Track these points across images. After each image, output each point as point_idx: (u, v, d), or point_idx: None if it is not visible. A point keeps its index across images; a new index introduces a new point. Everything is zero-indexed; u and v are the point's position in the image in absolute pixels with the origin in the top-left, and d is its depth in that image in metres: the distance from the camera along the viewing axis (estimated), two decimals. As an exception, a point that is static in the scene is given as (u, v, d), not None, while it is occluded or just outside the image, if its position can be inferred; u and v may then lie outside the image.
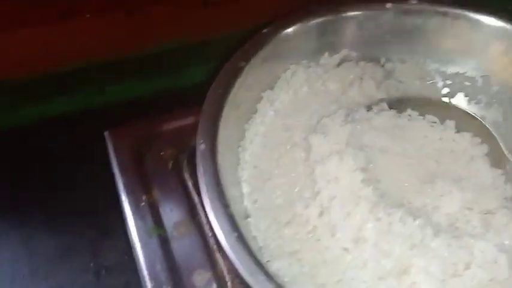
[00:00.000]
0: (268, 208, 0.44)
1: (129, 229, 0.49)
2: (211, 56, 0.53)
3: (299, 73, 0.52)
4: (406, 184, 0.45)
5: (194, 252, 0.48)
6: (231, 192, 0.42)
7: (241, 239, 0.36)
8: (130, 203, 0.50)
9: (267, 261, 0.41)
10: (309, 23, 0.51)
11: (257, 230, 0.43)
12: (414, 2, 0.53)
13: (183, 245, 0.49)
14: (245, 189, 0.45)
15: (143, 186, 0.51)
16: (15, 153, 0.57)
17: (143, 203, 0.51)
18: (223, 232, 0.36)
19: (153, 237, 0.49)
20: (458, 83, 0.56)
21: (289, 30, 0.50)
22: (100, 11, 0.53)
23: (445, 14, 0.53)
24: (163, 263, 0.47)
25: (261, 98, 0.50)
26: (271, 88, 0.51)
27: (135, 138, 0.54)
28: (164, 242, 0.49)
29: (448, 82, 0.56)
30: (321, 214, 0.43)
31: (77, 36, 0.54)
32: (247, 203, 0.45)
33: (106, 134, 0.54)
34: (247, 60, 0.47)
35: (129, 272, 0.48)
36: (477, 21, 0.53)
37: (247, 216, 0.44)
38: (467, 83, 0.56)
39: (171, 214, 0.51)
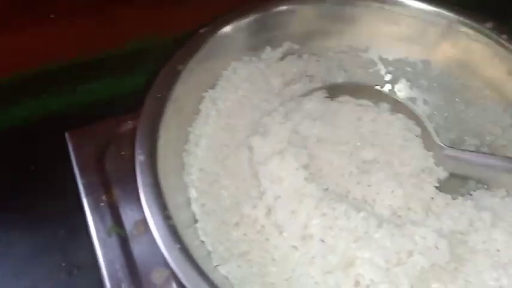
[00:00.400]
0: (216, 211, 0.44)
1: (89, 229, 0.50)
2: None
3: (240, 70, 0.51)
4: (346, 175, 0.46)
5: (153, 251, 0.48)
6: (176, 199, 0.42)
7: (185, 251, 0.36)
8: (89, 203, 0.51)
9: (216, 265, 0.41)
10: (247, 20, 0.51)
11: (205, 234, 0.43)
12: None
13: (142, 244, 0.49)
14: (192, 194, 0.45)
15: (103, 186, 0.52)
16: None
17: (103, 203, 0.51)
18: (165, 246, 0.36)
19: (112, 236, 0.49)
20: (400, 69, 0.57)
21: (227, 28, 0.50)
22: (67, 13, 0.53)
23: (381, 1, 0.53)
24: (122, 262, 0.48)
25: (203, 98, 0.50)
26: (213, 87, 0.51)
27: (95, 139, 0.55)
28: (124, 241, 0.49)
29: (390, 69, 0.57)
30: (267, 214, 0.43)
31: (46, 39, 0.54)
32: (194, 208, 0.44)
33: (66, 135, 0.55)
34: (184, 62, 0.47)
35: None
36: (413, 8, 0.53)
37: (195, 222, 0.44)
38: (408, 69, 0.56)
39: (131, 213, 0.51)
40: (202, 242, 0.43)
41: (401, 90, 0.57)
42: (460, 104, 0.54)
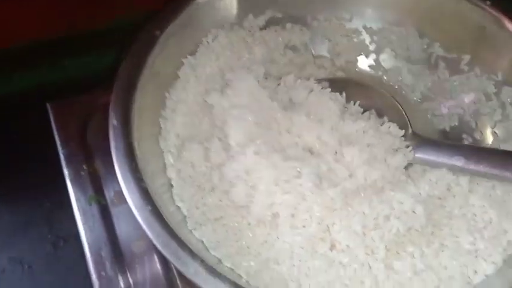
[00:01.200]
0: (192, 177, 0.44)
1: (70, 198, 0.50)
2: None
3: (221, 37, 0.50)
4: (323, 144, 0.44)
5: (134, 221, 0.47)
6: (151, 165, 0.42)
7: (155, 212, 0.36)
8: (70, 173, 0.51)
9: (191, 229, 0.41)
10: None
11: (181, 200, 0.42)
12: None
13: (123, 213, 0.50)
14: (168, 159, 0.45)
15: (84, 157, 0.52)
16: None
17: (83, 173, 0.52)
18: (136, 207, 0.36)
19: (92, 205, 0.50)
20: (384, 38, 0.56)
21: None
22: None
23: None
24: (102, 231, 0.49)
25: (182, 64, 0.49)
26: (193, 54, 0.50)
27: (77, 110, 0.55)
28: (104, 210, 0.50)
29: (375, 38, 0.56)
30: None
31: (34, 12, 0.53)
32: (170, 173, 0.44)
33: (48, 105, 0.55)
34: (162, 28, 0.46)
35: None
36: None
37: (170, 187, 0.43)
38: (393, 37, 0.55)
39: (112, 183, 0.51)
40: (178, 207, 0.42)
41: (386, 60, 0.56)
42: (443, 72, 0.53)
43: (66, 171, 0.52)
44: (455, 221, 0.41)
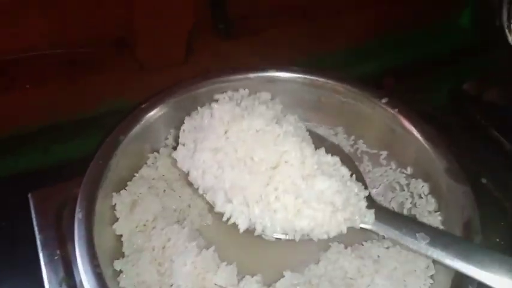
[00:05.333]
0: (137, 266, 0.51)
1: (44, 280, 0.56)
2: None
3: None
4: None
5: None
6: (107, 252, 0.50)
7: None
8: (44, 257, 0.57)
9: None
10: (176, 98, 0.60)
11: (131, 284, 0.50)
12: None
13: None
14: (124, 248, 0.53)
15: (59, 242, 0.58)
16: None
17: (56, 257, 0.57)
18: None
19: (62, 286, 0.55)
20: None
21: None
22: (41, 82, 0.61)
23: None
24: None
25: (144, 164, 0.59)
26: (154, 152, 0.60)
27: (54, 198, 0.61)
28: None
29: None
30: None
31: (19, 104, 0.62)
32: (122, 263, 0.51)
33: (29, 195, 0.62)
34: (125, 133, 0.55)
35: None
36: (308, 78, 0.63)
37: (121, 273, 0.50)
38: (326, 134, 0.65)
39: None
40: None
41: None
42: (367, 165, 0.63)
43: (41, 255, 0.57)
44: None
